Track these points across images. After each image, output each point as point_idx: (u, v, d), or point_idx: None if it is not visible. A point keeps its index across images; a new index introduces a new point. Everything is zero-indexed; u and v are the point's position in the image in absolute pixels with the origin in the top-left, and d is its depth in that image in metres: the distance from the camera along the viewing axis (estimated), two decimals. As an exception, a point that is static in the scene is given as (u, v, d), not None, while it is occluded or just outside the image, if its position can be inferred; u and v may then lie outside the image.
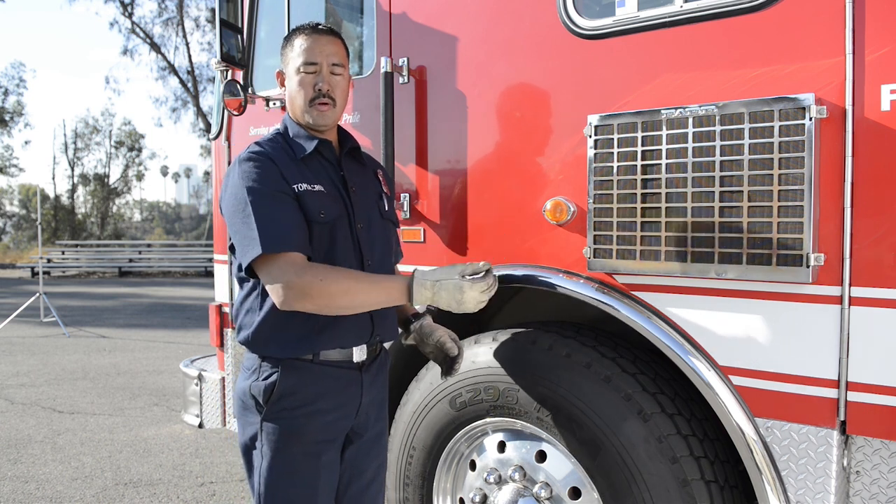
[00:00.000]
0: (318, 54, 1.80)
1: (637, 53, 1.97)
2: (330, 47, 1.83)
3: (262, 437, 1.79)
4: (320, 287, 1.63)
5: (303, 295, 1.64)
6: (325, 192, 1.80)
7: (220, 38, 2.63)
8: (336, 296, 1.65)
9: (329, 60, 1.81)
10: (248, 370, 1.84)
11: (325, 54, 1.81)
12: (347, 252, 1.82)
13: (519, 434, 2.22)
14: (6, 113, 33.87)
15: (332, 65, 1.82)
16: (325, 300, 1.65)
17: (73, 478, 4.14)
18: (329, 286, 1.64)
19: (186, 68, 28.10)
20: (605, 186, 1.96)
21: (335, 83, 1.83)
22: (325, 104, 1.81)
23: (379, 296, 1.70)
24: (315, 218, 1.75)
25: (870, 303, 1.63)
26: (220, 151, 3.20)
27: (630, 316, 1.97)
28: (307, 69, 1.80)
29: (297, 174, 1.78)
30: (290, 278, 1.63)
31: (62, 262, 23.20)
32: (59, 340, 9.10)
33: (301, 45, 1.82)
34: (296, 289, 1.63)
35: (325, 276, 1.64)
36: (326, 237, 1.78)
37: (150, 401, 5.97)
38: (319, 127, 1.85)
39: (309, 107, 1.81)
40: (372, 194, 1.96)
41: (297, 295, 1.64)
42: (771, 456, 1.78)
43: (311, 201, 1.75)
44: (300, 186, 1.75)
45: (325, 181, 1.83)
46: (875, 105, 1.61)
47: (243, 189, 1.71)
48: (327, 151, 1.88)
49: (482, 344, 2.26)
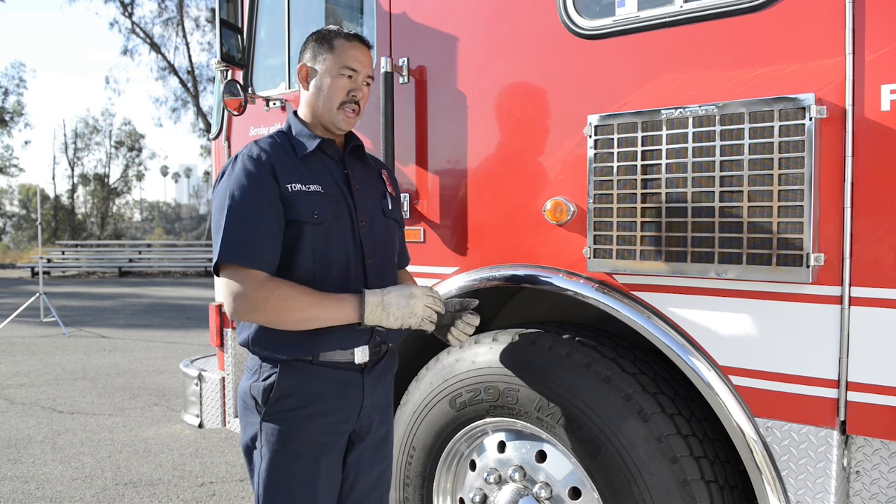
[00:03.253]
0: (358, 62, 1.85)
1: (637, 53, 1.97)
2: (368, 59, 1.88)
3: (261, 438, 1.79)
4: (275, 303, 1.68)
5: (255, 309, 1.69)
6: (323, 193, 1.80)
7: (220, 38, 2.63)
8: (287, 312, 1.69)
9: (366, 71, 1.87)
10: (250, 370, 1.84)
11: (364, 65, 1.86)
12: (347, 251, 1.82)
13: (519, 434, 2.22)
14: (6, 113, 33.88)
15: (367, 76, 1.88)
16: (275, 316, 1.69)
17: (73, 478, 4.14)
18: (282, 303, 1.68)
19: (186, 68, 28.13)
20: (605, 186, 1.96)
21: (364, 94, 1.89)
22: (352, 111, 1.86)
23: (328, 312, 1.72)
24: (308, 218, 1.75)
25: (870, 303, 1.63)
26: (220, 151, 3.20)
27: (630, 316, 1.97)
28: (346, 73, 1.84)
29: (294, 174, 1.78)
30: (247, 292, 1.67)
31: (62, 262, 23.21)
32: (59, 340, 9.10)
33: (344, 49, 1.84)
34: (249, 302, 1.68)
35: (281, 292, 1.68)
36: (322, 237, 1.78)
37: (150, 401, 5.97)
38: (339, 130, 1.88)
39: (337, 109, 1.84)
40: (376, 193, 1.97)
41: (249, 308, 1.69)
42: (771, 456, 1.78)
43: (303, 202, 1.75)
44: (293, 187, 1.75)
45: (325, 180, 1.83)
46: (875, 105, 1.61)
47: (228, 192, 1.73)
48: (331, 149, 1.89)
49: (482, 344, 2.26)
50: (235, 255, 1.69)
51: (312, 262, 1.77)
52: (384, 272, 1.92)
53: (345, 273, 1.82)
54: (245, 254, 1.69)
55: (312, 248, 1.77)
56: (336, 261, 1.80)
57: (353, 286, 1.81)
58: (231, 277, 1.69)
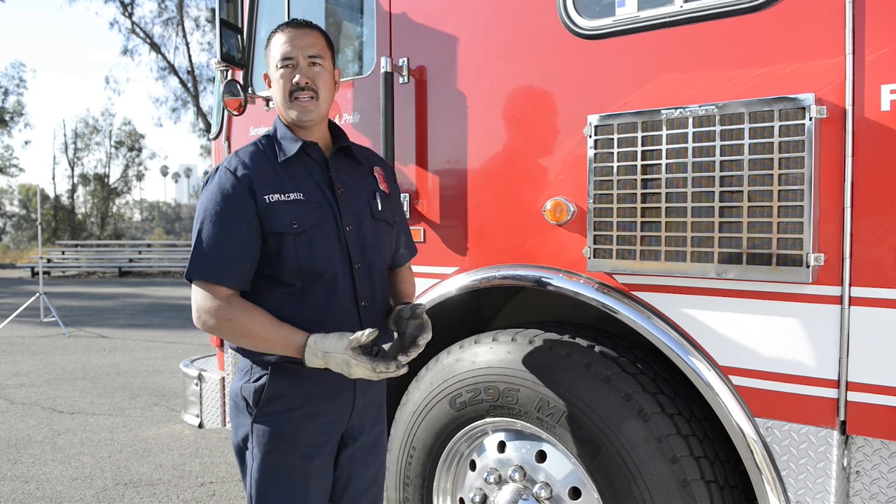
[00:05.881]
0: (293, 48, 1.77)
1: (637, 53, 1.97)
2: (306, 39, 1.78)
3: (253, 439, 1.79)
4: (227, 325, 1.72)
5: (212, 327, 1.75)
6: (304, 200, 1.76)
7: (220, 38, 2.63)
8: (239, 335, 1.74)
9: (305, 53, 1.77)
10: (241, 371, 1.84)
11: (301, 47, 1.78)
12: (332, 257, 1.78)
13: (519, 434, 2.22)
14: (6, 113, 33.87)
15: (310, 56, 1.77)
16: (229, 336, 1.77)
17: (73, 478, 4.14)
18: (234, 326, 1.72)
19: (186, 68, 28.10)
20: (605, 186, 1.96)
21: (314, 74, 1.78)
22: (306, 97, 1.78)
23: (275, 348, 1.73)
24: (286, 229, 1.73)
25: (870, 303, 1.63)
26: (220, 151, 3.20)
27: (630, 316, 1.97)
28: (283, 64, 1.78)
29: (273, 183, 1.75)
30: (209, 307, 1.72)
31: (62, 262, 23.20)
32: (59, 340, 9.10)
33: (276, 43, 1.81)
34: (206, 321, 1.73)
35: (233, 316, 1.71)
36: (305, 245, 1.75)
37: (150, 401, 5.97)
38: (304, 123, 1.81)
39: (290, 102, 1.79)
40: (363, 194, 1.90)
41: (207, 325, 1.75)
42: (771, 456, 1.78)
43: (281, 213, 1.73)
44: (271, 198, 1.73)
45: (306, 185, 1.79)
46: (875, 105, 1.61)
47: (202, 206, 1.76)
48: (314, 152, 1.84)
49: (482, 344, 2.26)
50: (201, 272, 1.73)
51: (297, 271, 1.75)
52: (373, 276, 1.87)
53: (332, 279, 1.78)
54: (211, 270, 1.73)
55: (296, 257, 1.74)
56: (322, 268, 1.77)
57: (341, 292, 1.79)
58: (198, 290, 1.74)
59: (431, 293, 2.39)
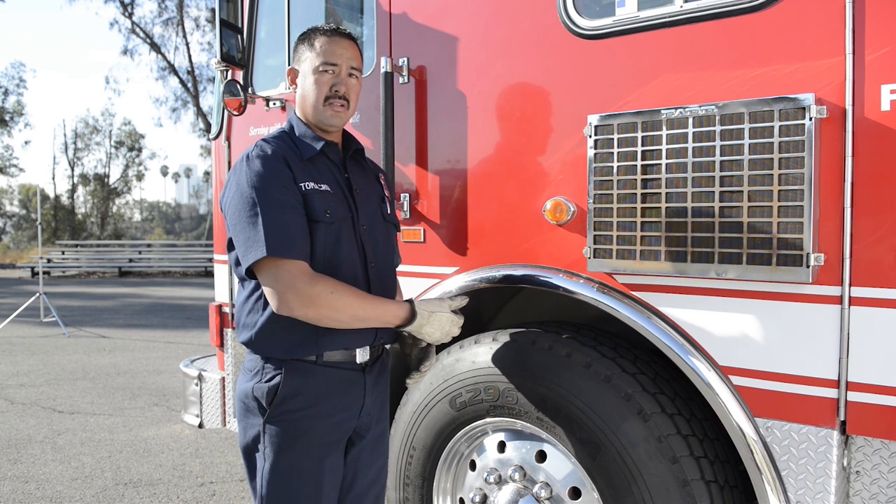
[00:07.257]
0: (338, 56, 1.83)
1: (637, 53, 1.97)
2: (350, 51, 1.86)
3: (264, 439, 1.78)
4: (329, 299, 1.67)
5: (309, 303, 1.66)
6: (332, 193, 1.81)
7: (220, 38, 2.63)
8: (342, 310, 1.70)
9: (348, 63, 1.85)
10: (251, 371, 1.83)
11: (345, 57, 1.85)
12: (352, 253, 1.82)
13: (519, 434, 2.22)
14: (6, 113, 33.88)
15: (351, 68, 1.86)
16: (329, 312, 1.69)
17: (73, 478, 4.14)
18: (337, 300, 1.68)
19: (186, 68, 28.11)
20: (605, 186, 1.96)
21: (351, 86, 1.87)
22: (340, 105, 1.84)
23: (380, 317, 1.78)
24: (321, 217, 1.75)
25: (870, 303, 1.63)
26: (220, 151, 3.20)
27: (630, 316, 1.97)
28: (326, 69, 1.83)
29: (305, 173, 1.79)
30: (300, 286, 1.66)
31: (62, 262, 23.20)
32: (59, 340, 9.10)
33: (321, 46, 1.84)
34: (304, 297, 1.66)
35: (335, 289, 1.69)
36: (332, 237, 1.78)
37: (150, 401, 5.97)
38: (330, 127, 1.86)
39: (323, 105, 1.83)
40: (375, 197, 1.97)
41: (303, 303, 1.66)
42: (771, 456, 1.78)
43: (317, 200, 1.76)
44: (307, 185, 1.76)
45: (330, 182, 1.83)
46: (875, 105, 1.61)
47: (251, 188, 1.70)
48: (333, 153, 1.89)
49: (482, 344, 2.26)
50: (281, 248, 1.66)
51: (322, 262, 1.76)
52: (385, 277, 1.93)
53: (352, 275, 1.81)
54: (291, 246, 1.67)
55: (323, 248, 1.76)
56: (343, 262, 1.80)
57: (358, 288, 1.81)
58: (278, 271, 1.66)
59: (431, 293, 2.39)
